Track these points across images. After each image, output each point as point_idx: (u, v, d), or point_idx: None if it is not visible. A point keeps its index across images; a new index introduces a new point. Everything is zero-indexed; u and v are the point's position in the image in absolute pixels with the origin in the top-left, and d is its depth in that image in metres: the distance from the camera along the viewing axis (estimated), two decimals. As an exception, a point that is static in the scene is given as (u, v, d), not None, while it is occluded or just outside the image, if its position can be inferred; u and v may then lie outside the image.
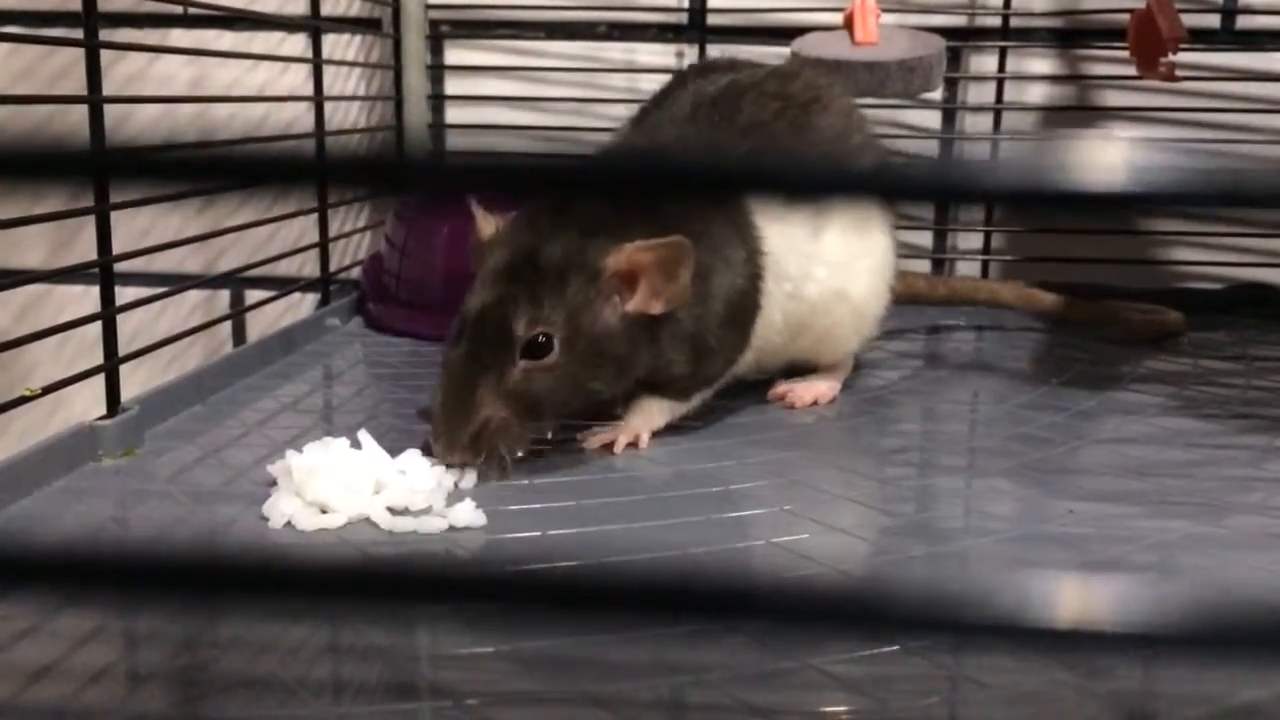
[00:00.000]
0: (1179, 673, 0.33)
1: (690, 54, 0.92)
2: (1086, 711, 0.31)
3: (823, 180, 0.16)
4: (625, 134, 0.64)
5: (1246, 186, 0.14)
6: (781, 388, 0.63)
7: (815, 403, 0.63)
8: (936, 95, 0.86)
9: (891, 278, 0.65)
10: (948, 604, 0.14)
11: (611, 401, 0.56)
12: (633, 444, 0.55)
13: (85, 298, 0.90)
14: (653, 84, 0.72)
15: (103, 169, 0.20)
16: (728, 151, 0.57)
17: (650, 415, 0.56)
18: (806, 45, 0.78)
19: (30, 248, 0.91)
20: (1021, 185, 0.14)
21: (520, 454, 0.50)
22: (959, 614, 0.14)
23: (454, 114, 0.96)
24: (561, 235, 0.51)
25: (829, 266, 0.60)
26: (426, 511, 0.45)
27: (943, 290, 0.79)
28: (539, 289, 0.50)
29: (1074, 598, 0.15)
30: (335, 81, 0.92)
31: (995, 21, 0.91)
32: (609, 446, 0.55)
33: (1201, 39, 0.86)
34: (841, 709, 0.33)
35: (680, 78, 0.65)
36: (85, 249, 0.54)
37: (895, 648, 0.35)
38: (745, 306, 0.56)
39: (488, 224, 0.55)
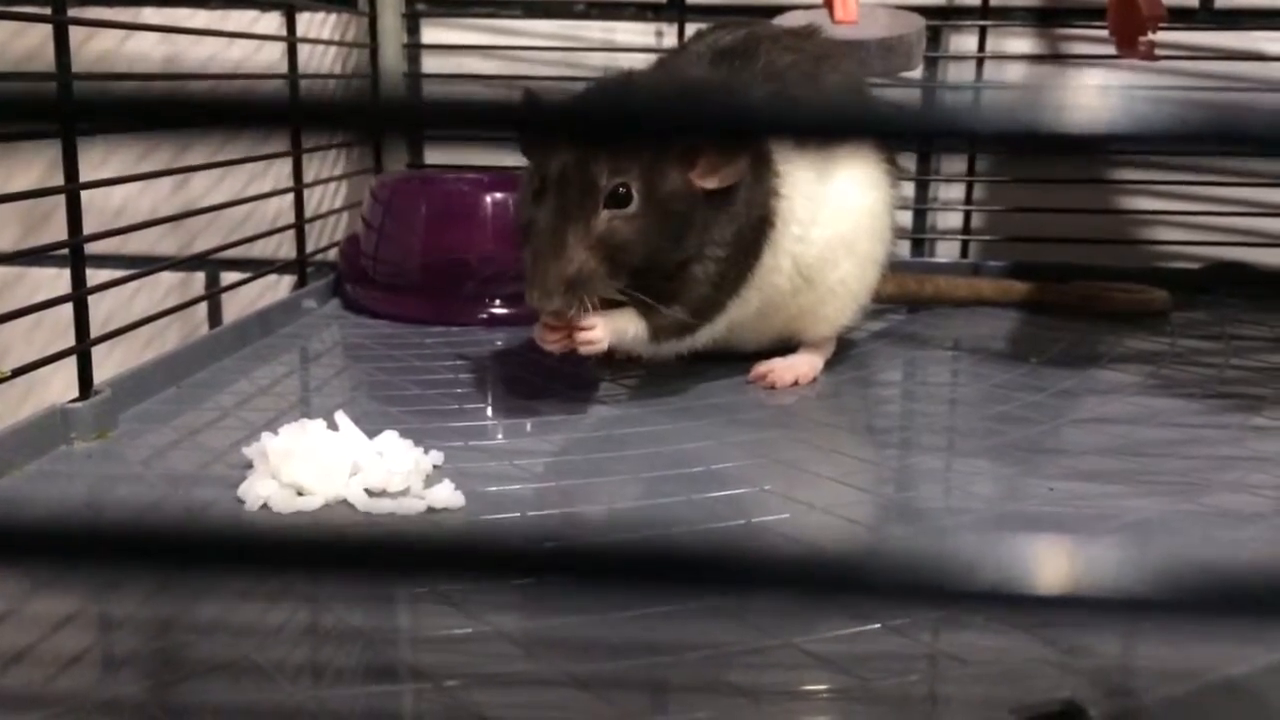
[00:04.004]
0: (1159, 648, 0.33)
1: (669, 33, 0.92)
2: (1067, 688, 0.31)
3: (811, 118, 0.15)
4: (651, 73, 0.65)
5: (1237, 126, 0.14)
6: (762, 368, 0.63)
7: (796, 383, 0.63)
8: (916, 74, 0.86)
9: (888, 254, 0.66)
10: (931, 571, 0.14)
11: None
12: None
13: (59, 280, 0.89)
14: (632, 63, 0.71)
15: (70, 109, 0.19)
16: (745, 91, 0.60)
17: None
18: (786, 24, 0.77)
19: (1, 230, 0.89)
20: (1006, 126, 0.14)
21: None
22: (942, 581, 0.14)
23: (431, 92, 0.95)
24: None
25: (835, 215, 0.62)
26: (404, 493, 0.44)
27: (929, 289, 0.82)
28: (616, 147, 0.53)
29: (1056, 563, 0.14)
30: (310, 60, 0.91)
31: (975, 0, 0.90)
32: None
33: (1181, 18, 0.86)
34: (822, 687, 0.33)
35: (699, 33, 0.67)
36: (58, 231, 0.53)
37: (876, 626, 0.35)
38: (753, 240, 0.58)
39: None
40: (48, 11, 0.52)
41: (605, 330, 0.55)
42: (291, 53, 0.79)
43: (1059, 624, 0.34)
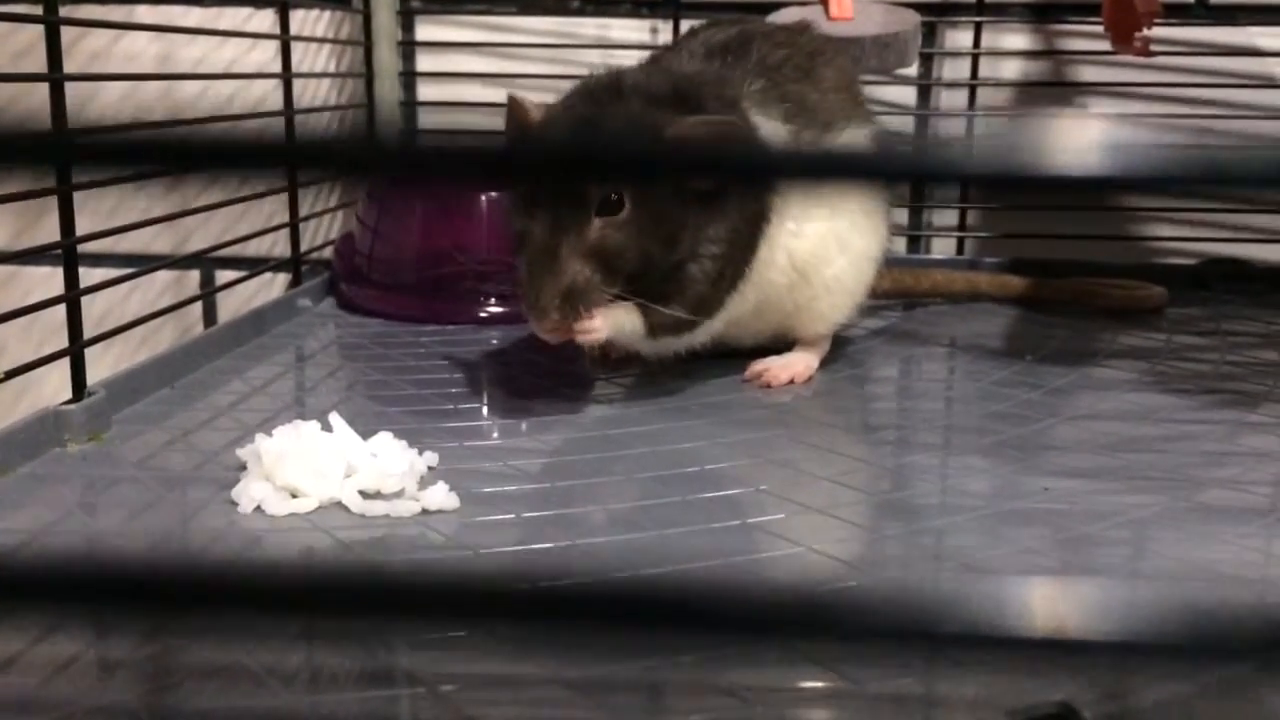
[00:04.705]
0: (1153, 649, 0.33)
1: (664, 29, 0.91)
2: (1062, 688, 0.31)
3: (803, 163, 0.15)
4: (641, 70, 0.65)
5: (1222, 166, 0.14)
6: (758, 366, 0.63)
7: (792, 382, 0.63)
8: (912, 71, 0.86)
9: (883, 251, 0.66)
10: (923, 615, 0.14)
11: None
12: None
13: (53, 279, 0.89)
14: (626, 60, 0.71)
15: (64, 154, 0.19)
16: (738, 85, 0.60)
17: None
18: (781, 20, 0.77)
19: (-5, 229, 0.89)
20: (998, 168, 0.14)
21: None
22: (934, 626, 0.14)
23: (426, 91, 0.95)
24: (622, 107, 0.55)
25: (829, 211, 0.62)
26: (399, 494, 0.44)
27: (926, 284, 0.82)
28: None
29: (1049, 606, 0.14)
30: (304, 58, 0.91)
31: (970, -4, 0.90)
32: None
33: (1176, 14, 0.86)
34: (818, 685, 0.32)
35: (692, 30, 0.67)
36: (52, 230, 0.53)
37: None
38: (751, 235, 0.58)
39: (535, 109, 0.57)
40: (39, 11, 0.52)
41: (604, 322, 0.55)
42: (285, 51, 0.79)
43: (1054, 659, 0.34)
